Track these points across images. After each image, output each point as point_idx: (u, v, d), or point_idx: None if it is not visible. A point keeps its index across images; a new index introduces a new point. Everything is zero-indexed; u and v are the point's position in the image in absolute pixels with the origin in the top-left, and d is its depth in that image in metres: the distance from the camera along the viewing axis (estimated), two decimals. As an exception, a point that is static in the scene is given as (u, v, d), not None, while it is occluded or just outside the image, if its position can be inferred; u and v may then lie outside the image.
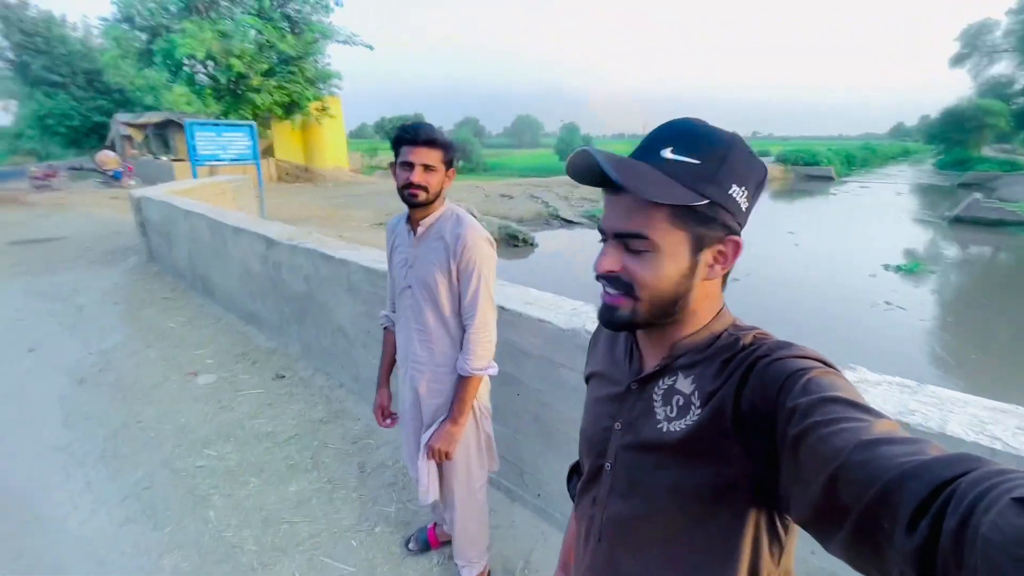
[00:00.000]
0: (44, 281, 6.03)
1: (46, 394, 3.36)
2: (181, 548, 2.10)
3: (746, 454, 0.55)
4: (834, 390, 0.48)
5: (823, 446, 0.43)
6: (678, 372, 0.64)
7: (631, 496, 0.67)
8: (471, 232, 1.48)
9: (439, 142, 1.46)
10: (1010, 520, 0.28)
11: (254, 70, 15.39)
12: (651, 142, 0.59)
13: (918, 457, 0.37)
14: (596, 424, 0.75)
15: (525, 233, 13.02)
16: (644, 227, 0.58)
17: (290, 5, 16.57)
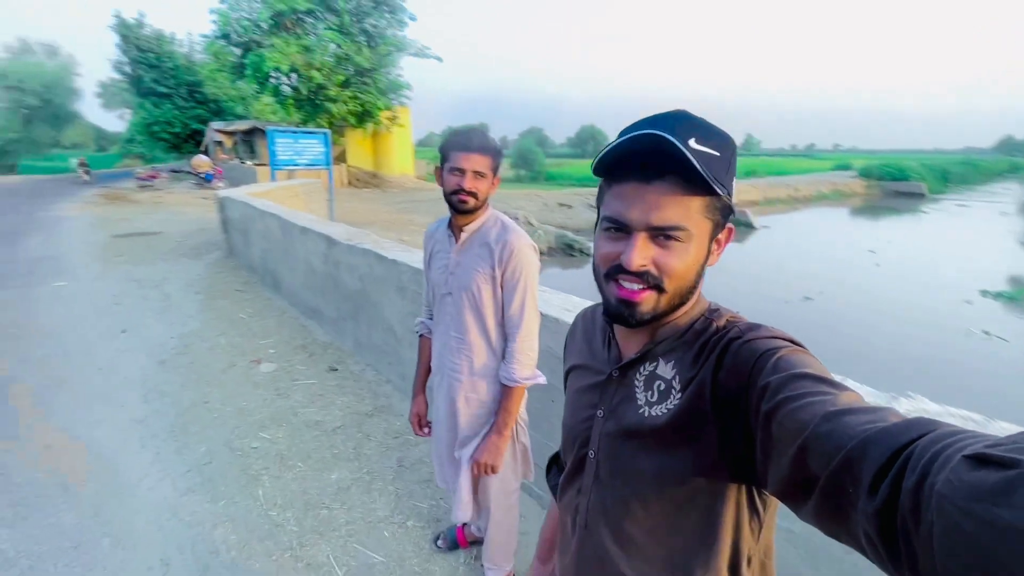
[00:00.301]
0: (140, 270, 6.70)
1: (132, 371, 3.73)
2: (232, 521, 2.25)
3: (725, 434, 0.56)
4: (803, 367, 0.51)
5: (791, 420, 0.45)
6: (659, 358, 0.66)
7: (615, 482, 0.68)
8: (517, 239, 1.46)
9: (490, 148, 1.45)
10: (961, 476, 0.30)
11: (332, 81, 16.40)
12: (674, 131, 0.56)
13: (878, 424, 0.39)
14: (578, 414, 0.76)
15: (582, 243, 12.92)
16: (685, 219, 0.58)
17: (368, 20, 17.53)
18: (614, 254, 0.61)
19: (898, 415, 0.41)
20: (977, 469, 0.29)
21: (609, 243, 0.62)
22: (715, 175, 0.56)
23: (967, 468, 0.30)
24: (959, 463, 0.31)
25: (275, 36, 15.75)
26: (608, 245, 0.62)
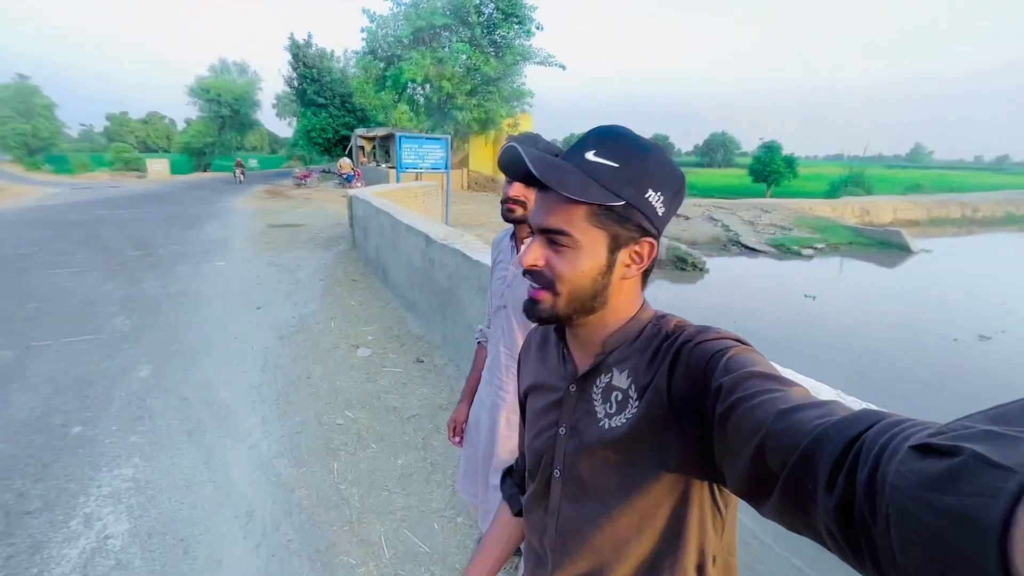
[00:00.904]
0: (282, 256, 7.70)
1: (258, 342, 4.29)
2: (307, 488, 2.48)
3: (683, 437, 0.58)
4: (752, 365, 0.52)
5: (746, 420, 0.47)
6: (612, 368, 0.67)
7: (582, 500, 0.69)
8: None
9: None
10: (909, 466, 0.31)
11: (460, 90, 17.41)
12: (577, 145, 0.63)
13: (828, 419, 0.40)
14: (540, 434, 0.76)
15: (695, 257, 12.14)
16: (566, 224, 0.61)
17: (497, 32, 18.31)
18: None
19: (845, 407, 0.42)
20: (923, 458, 0.30)
21: (526, 245, 0.67)
22: (607, 184, 0.59)
23: (914, 458, 0.31)
24: (906, 453, 0.32)
25: (413, 50, 17.15)
26: (525, 247, 0.67)
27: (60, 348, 4.09)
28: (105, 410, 3.16)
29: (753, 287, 11.23)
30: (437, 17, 17.28)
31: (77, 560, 2.02)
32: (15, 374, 3.61)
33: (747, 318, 8.69)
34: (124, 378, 3.60)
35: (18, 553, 2.04)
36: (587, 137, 0.63)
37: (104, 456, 2.70)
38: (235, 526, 2.23)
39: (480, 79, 17.96)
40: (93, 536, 2.15)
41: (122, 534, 2.16)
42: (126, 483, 2.49)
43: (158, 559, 2.04)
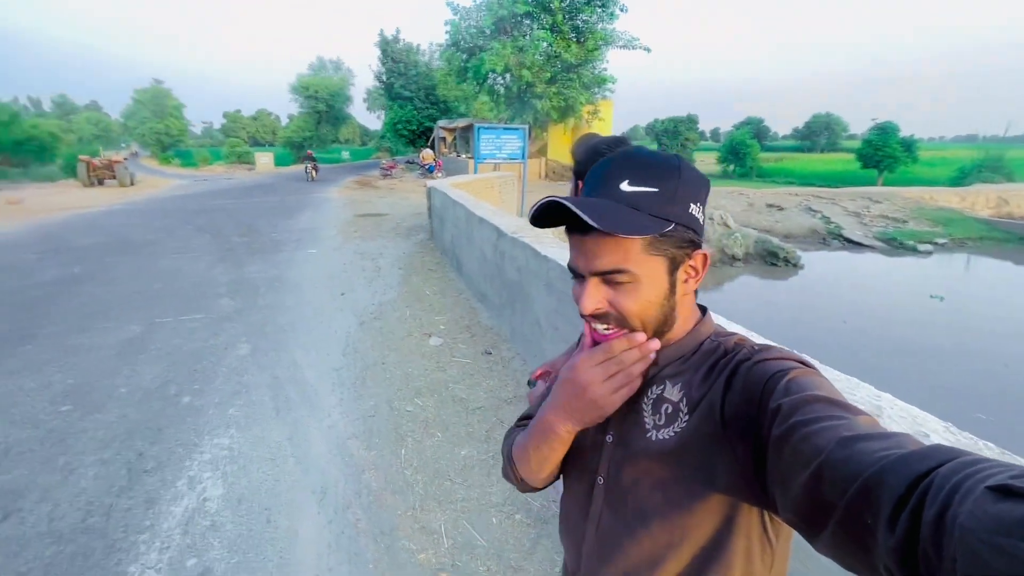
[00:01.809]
0: (365, 245, 8.15)
1: (340, 327, 4.58)
2: (376, 470, 2.61)
3: (734, 457, 0.56)
4: (814, 389, 0.50)
5: (805, 445, 0.45)
6: (666, 381, 0.66)
7: (623, 509, 0.67)
8: None
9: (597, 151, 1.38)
10: (985, 508, 0.29)
11: (540, 79, 17.27)
12: (604, 178, 0.62)
13: (896, 451, 0.38)
14: (586, 436, 0.73)
15: (788, 251, 11.20)
16: (624, 262, 0.60)
17: (580, 16, 17.89)
18: (577, 298, 0.64)
19: (916, 441, 0.40)
20: (1002, 501, 0.29)
21: (577, 287, 0.65)
22: (654, 211, 0.59)
23: (991, 500, 0.29)
24: (982, 494, 0.30)
25: (495, 40, 17.24)
26: (576, 291, 0.65)
27: (177, 325, 4.63)
28: (210, 383, 3.54)
29: (857, 286, 10.15)
30: (519, 5, 17.19)
31: (180, 517, 2.28)
32: (142, 347, 4.14)
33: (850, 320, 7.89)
34: (227, 355, 4.00)
35: (135, 506, 2.35)
36: (610, 168, 0.62)
37: (207, 425, 3.02)
38: (311, 501, 2.41)
39: (560, 66, 17.68)
40: (194, 497, 2.41)
41: (217, 498, 2.41)
42: (223, 452, 2.77)
43: (245, 524, 2.25)
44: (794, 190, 18.48)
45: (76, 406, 3.21)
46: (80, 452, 2.74)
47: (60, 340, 4.26)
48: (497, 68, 16.34)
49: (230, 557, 2.07)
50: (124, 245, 8.25)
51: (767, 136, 76.34)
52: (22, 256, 7.48)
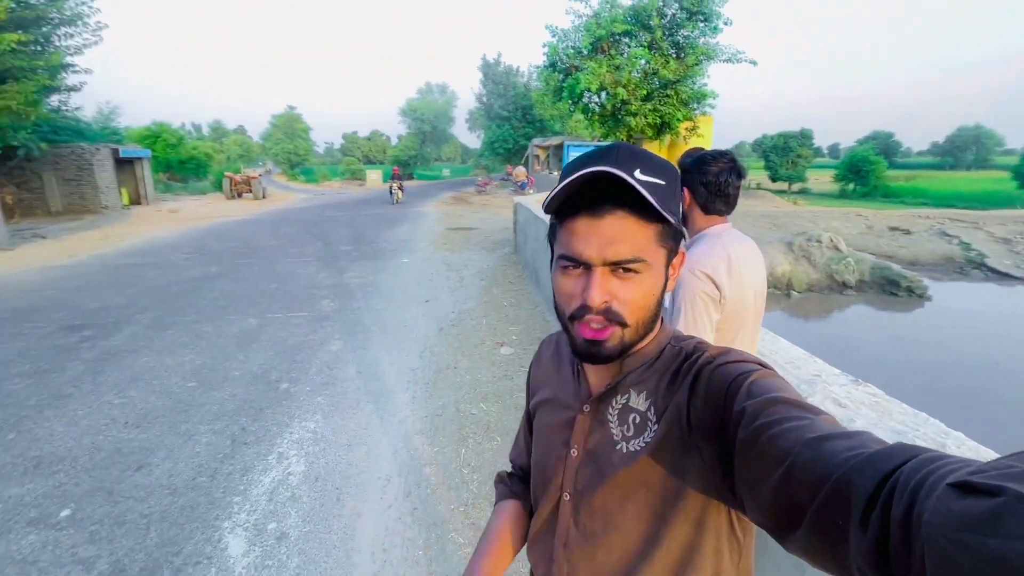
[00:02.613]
0: (454, 256, 8.58)
1: (421, 331, 4.89)
2: (436, 466, 2.77)
3: (702, 462, 0.56)
4: (776, 391, 0.51)
5: (771, 447, 0.45)
6: (630, 389, 0.65)
7: (592, 524, 0.66)
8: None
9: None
10: (949, 506, 0.29)
11: (635, 96, 17.07)
12: (617, 165, 0.56)
13: (862, 451, 0.39)
14: (550, 453, 0.72)
15: (912, 280, 9.92)
16: (642, 251, 0.58)
17: (680, 32, 17.48)
18: (575, 293, 0.60)
19: (878, 440, 0.41)
20: (963, 498, 0.29)
21: (568, 281, 0.61)
22: (662, 203, 0.56)
23: (954, 497, 0.30)
24: (945, 492, 0.30)
25: (591, 59, 17.38)
26: (568, 283, 0.61)
27: (285, 321, 5.23)
28: (304, 373, 3.96)
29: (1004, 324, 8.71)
30: (618, 25, 17.21)
31: (268, 486, 2.60)
32: (255, 338, 4.73)
33: (1000, 362, 6.80)
34: (321, 349, 4.45)
35: (234, 472, 2.71)
36: (620, 154, 0.58)
37: (298, 410, 3.39)
38: (376, 486, 2.62)
39: (657, 83, 17.36)
40: (281, 471, 2.73)
41: (299, 474, 2.71)
42: (308, 434, 3.10)
43: (318, 500, 2.50)
44: (926, 212, 16.37)
45: (200, 383, 3.77)
46: (198, 422, 3.22)
47: (195, 327, 5.01)
48: (592, 87, 16.42)
49: (303, 526, 2.32)
50: (252, 250, 9.46)
51: (897, 152, 68.20)
52: (174, 256, 8.88)
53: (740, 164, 1.37)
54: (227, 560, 2.12)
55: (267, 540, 2.23)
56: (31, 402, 3.47)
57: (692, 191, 1.39)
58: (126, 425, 3.17)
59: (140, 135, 29.50)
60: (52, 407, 3.40)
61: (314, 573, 2.06)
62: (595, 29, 17.16)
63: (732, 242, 1.38)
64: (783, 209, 20.17)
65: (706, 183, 1.35)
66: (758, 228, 13.34)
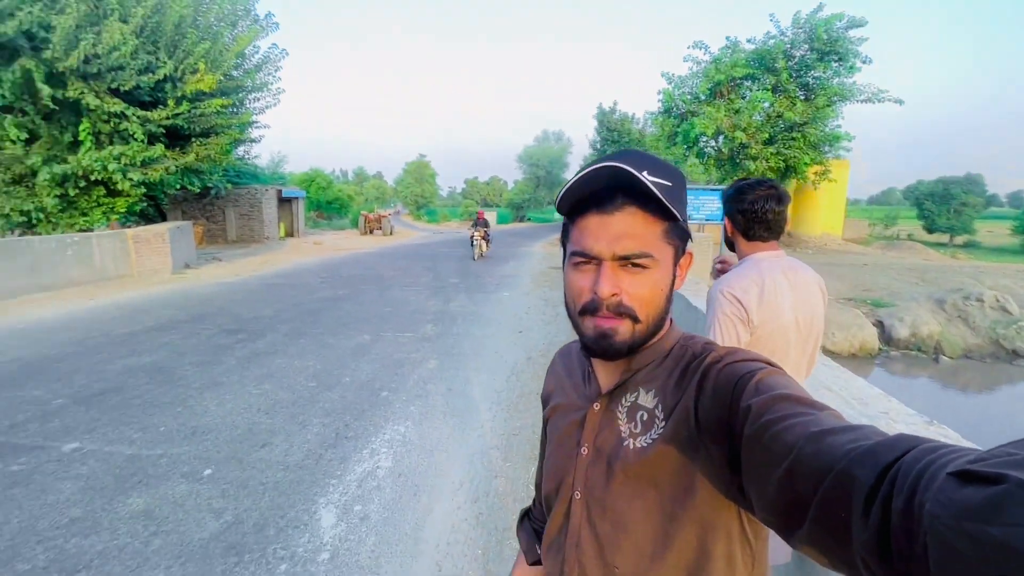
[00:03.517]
0: (551, 293, 8.82)
1: (510, 359, 5.13)
2: (506, 478, 2.92)
3: (710, 460, 0.56)
4: (782, 388, 0.51)
5: (776, 443, 0.45)
6: (639, 387, 0.66)
7: (603, 523, 0.66)
8: (716, 284, 1.47)
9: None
10: (948, 494, 0.29)
11: (755, 139, 16.37)
12: (627, 163, 0.58)
13: (863, 443, 0.39)
14: (561, 454, 0.74)
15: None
16: (650, 246, 0.61)
17: (810, 73, 16.58)
18: (586, 288, 0.62)
19: (880, 432, 0.40)
20: (964, 486, 0.29)
21: (580, 277, 0.64)
22: (671, 203, 0.58)
23: (955, 486, 0.30)
24: (945, 481, 0.30)
25: (708, 104, 17.12)
26: (579, 279, 0.63)
27: (393, 339, 5.82)
28: (403, 384, 4.38)
29: None
30: (739, 69, 16.86)
31: (359, 475, 2.94)
32: (367, 351, 5.33)
33: None
34: (420, 366, 4.88)
35: (335, 459, 3.11)
36: (630, 158, 0.60)
37: (393, 415, 3.77)
38: (450, 489, 2.83)
39: (782, 125, 16.51)
40: (371, 464, 3.07)
41: (386, 468, 3.02)
42: (399, 436, 3.44)
43: (399, 492, 2.78)
44: None
45: (318, 384, 4.36)
46: (312, 415, 3.73)
47: (320, 338, 5.78)
48: (708, 131, 16.15)
49: (382, 512, 2.60)
50: (374, 277, 10.61)
51: (1109, 201, 55.58)
52: (312, 280, 10.27)
53: (781, 191, 1.42)
54: (318, 529, 2.45)
55: (352, 519, 2.54)
56: (195, 384, 4.29)
57: (731, 219, 1.47)
58: (258, 411, 3.79)
59: (299, 179, 34.79)
60: (209, 390, 4.17)
61: (386, 551, 2.30)
62: (714, 74, 16.96)
63: (773, 268, 1.41)
64: (936, 263, 17.53)
65: (743, 211, 1.42)
66: (899, 282, 11.78)
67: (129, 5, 9.82)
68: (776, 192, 1.41)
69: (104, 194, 10.53)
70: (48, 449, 3.17)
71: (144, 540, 2.35)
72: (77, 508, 2.58)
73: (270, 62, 13.78)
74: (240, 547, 2.31)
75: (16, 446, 3.20)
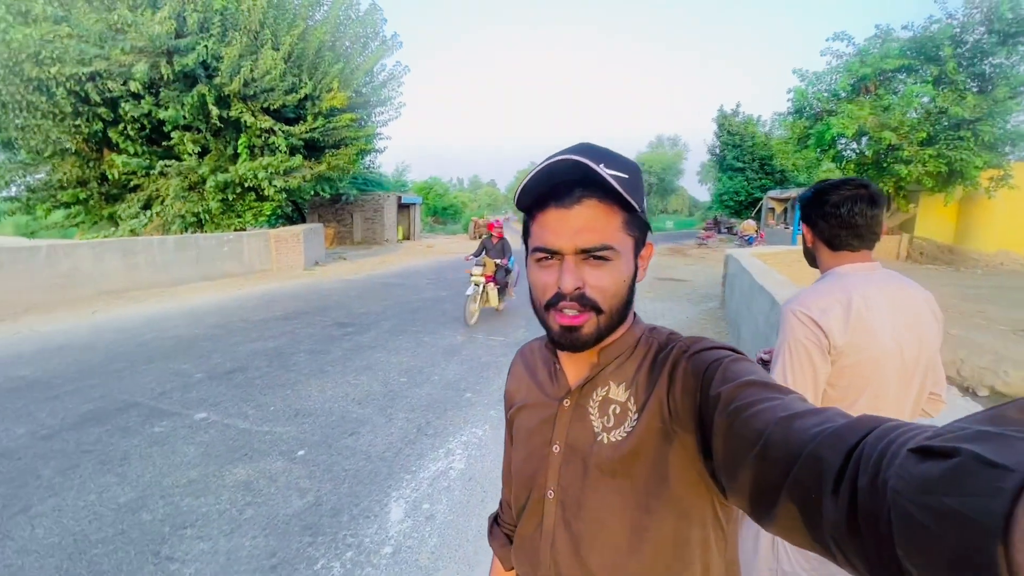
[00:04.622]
0: (652, 305, 8.37)
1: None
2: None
3: (683, 449, 0.58)
4: (749, 374, 0.52)
5: (746, 428, 0.46)
6: (609, 381, 0.66)
7: (578, 520, 0.65)
8: (786, 303, 1.23)
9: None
10: (909, 470, 0.31)
11: (909, 140, 14.10)
12: (583, 157, 0.58)
13: (829, 426, 0.40)
14: (533, 454, 0.72)
15: None
16: (610, 238, 0.60)
17: (987, 60, 13.92)
18: (550, 282, 0.62)
19: (844, 415, 0.41)
20: (923, 461, 0.30)
21: (542, 272, 0.63)
22: (630, 195, 0.58)
23: (914, 461, 0.31)
24: (906, 457, 0.31)
25: (848, 102, 15.15)
26: (542, 275, 0.63)
27: (484, 341, 5.91)
28: (487, 387, 4.41)
29: None
30: (890, 61, 14.71)
31: (433, 472, 2.99)
32: (457, 352, 5.48)
33: None
34: (505, 370, 4.88)
35: (412, 455, 3.20)
36: (584, 152, 0.60)
37: (473, 417, 3.80)
38: (518, 500, 2.75)
39: (946, 123, 14.02)
40: (445, 463, 3.11)
41: (458, 470, 3.04)
42: (475, 439, 3.45)
43: (467, 496, 2.77)
44: None
45: (408, 380, 4.55)
46: (399, 409, 3.90)
47: (418, 336, 6.07)
48: (847, 132, 14.23)
49: (449, 513, 2.60)
50: (475, 281, 10.94)
51: None
52: (420, 280, 10.88)
53: (874, 190, 1.15)
54: (386, 521, 2.52)
55: (419, 516, 2.58)
56: (305, 371, 4.72)
57: (812, 226, 1.22)
58: (353, 400, 4.05)
59: (419, 187, 37.33)
60: (316, 377, 4.56)
61: (445, 555, 2.29)
62: (858, 68, 14.96)
63: (865, 283, 1.15)
64: None
65: (825, 215, 1.17)
66: None
67: (280, 34, 11.29)
68: (868, 192, 1.15)
69: (255, 199, 12.17)
70: (183, 416, 3.67)
71: (240, 508, 2.59)
72: (194, 471, 2.94)
73: (394, 78, 14.98)
74: (316, 528, 2.45)
75: (161, 411, 3.75)
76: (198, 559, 2.22)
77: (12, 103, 9.73)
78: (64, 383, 4.31)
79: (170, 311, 7.35)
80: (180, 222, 11.39)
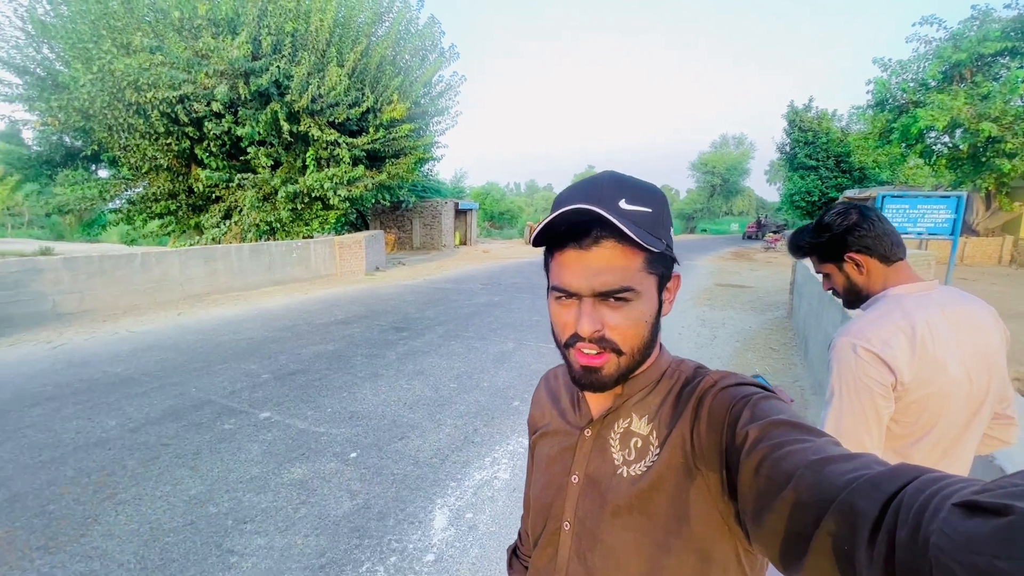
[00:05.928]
0: (713, 313, 8.01)
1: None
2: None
3: (706, 488, 0.56)
4: (778, 413, 0.51)
5: (775, 471, 0.45)
6: (632, 413, 0.65)
7: (593, 555, 0.64)
8: (839, 333, 1.09)
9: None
10: (955, 527, 0.29)
11: (1012, 131, 12.61)
12: (601, 196, 0.57)
13: (864, 473, 0.38)
14: (551, 483, 0.71)
15: None
16: (630, 279, 0.58)
17: (1113, 37, 12.21)
18: (569, 321, 0.61)
19: (880, 462, 0.40)
20: (970, 518, 0.28)
21: (562, 311, 0.62)
22: (650, 230, 0.57)
23: (959, 517, 0.29)
24: (950, 512, 0.30)
25: (939, 92, 13.79)
26: (562, 313, 0.62)
27: (534, 348, 5.89)
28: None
29: None
30: (990, 44, 13.27)
31: (477, 482, 3.00)
32: (508, 358, 5.49)
33: None
34: (555, 379, 4.83)
35: (458, 462, 3.23)
36: (604, 185, 0.59)
37: (520, 426, 3.78)
38: (562, 514, 2.70)
39: (1059, 111, 12.44)
40: (490, 473, 3.11)
41: (503, 480, 3.03)
42: (521, 449, 3.43)
43: (510, 507, 2.75)
44: None
45: (458, 386, 4.61)
46: (448, 415, 3.95)
47: (470, 342, 6.14)
48: (938, 124, 12.94)
49: (491, 524, 2.60)
50: (529, 286, 10.95)
51: None
52: (474, 286, 11.03)
53: (860, 205, 1.14)
54: (429, 529, 2.55)
55: (462, 525, 2.59)
56: (361, 374, 4.91)
57: (858, 253, 1.10)
58: (404, 405, 4.15)
59: (476, 193, 38.00)
60: (370, 380, 4.73)
61: (485, 567, 2.29)
62: (951, 54, 13.58)
63: (926, 306, 1.01)
64: None
65: (862, 233, 1.09)
66: None
67: (345, 51, 11.89)
68: (861, 207, 1.12)
69: (321, 208, 12.86)
70: (250, 415, 3.92)
71: (295, 507, 2.72)
72: (256, 468, 3.12)
73: (451, 89, 15.34)
74: (363, 531, 2.52)
75: (231, 409, 4.03)
76: (255, 554, 2.35)
77: (116, 126, 10.88)
78: (150, 380, 4.73)
79: (244, 314, 7.90)
80: (255, 230, 12.24)
